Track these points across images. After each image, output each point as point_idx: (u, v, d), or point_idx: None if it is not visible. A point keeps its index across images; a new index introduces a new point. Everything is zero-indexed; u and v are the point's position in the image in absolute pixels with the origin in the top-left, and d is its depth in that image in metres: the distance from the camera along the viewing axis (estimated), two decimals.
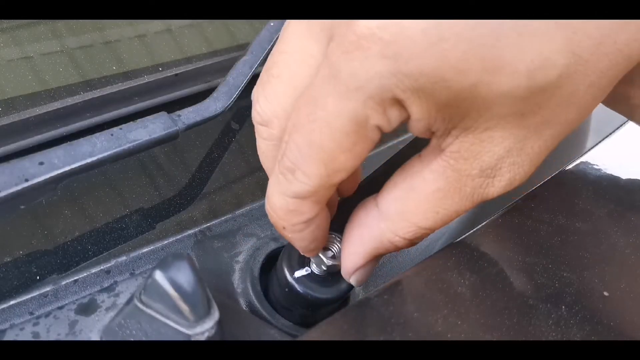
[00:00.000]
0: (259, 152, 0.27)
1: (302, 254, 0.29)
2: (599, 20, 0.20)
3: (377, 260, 0.28)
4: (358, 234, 0.27)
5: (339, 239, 0.30)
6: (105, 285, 0.30)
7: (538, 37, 0.20)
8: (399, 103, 0.22)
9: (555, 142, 0.24)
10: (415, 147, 0.31)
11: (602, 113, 0.32)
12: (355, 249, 0.27)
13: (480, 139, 0.23)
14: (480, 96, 0.21)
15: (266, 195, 0.26)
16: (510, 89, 0.21)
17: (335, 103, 0.21)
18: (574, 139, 0.48)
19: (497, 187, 0.24)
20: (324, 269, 0.29)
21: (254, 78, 0.27)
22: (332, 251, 0.30)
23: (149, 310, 0.24)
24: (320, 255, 0.29)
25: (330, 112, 0.22)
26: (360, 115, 0.22)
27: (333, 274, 0.30)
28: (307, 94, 0.23)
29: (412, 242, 0.26)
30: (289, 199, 0.24)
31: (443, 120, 0.23)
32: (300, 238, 0.27)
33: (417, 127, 0.23)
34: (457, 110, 0.22)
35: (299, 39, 0.23)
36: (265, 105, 0.25)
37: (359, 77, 0.21)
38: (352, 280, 0.28)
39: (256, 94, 0.25)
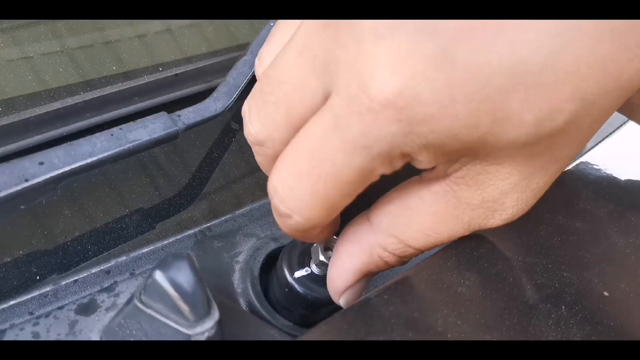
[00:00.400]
0: (259, 164, 0.27)
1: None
2: (606, 63, 0.20)
3: (366, 280, 0.28)
4: (348, 249, 0.27)
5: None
6: (105, 285, 0.30)
7: (547, 89, 0.20)
8: (405, 155, 0.22)
9: (558, 175, 0.24)
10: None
11: None
12: (345, 265, 0.27)
13: (487, 170, 0.23)
14: (489, 144, 0.22)
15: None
16: (518, 137, 0.21)
17: (343, 158, 0.22)
18: None
19: (497, 219, 0.25)
20: (325, 269, 0.29)
21: (254, 78, 0.27)
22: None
23: (149, 310, 0.24)
24: (321, 255, 0.29)
25: (337, 166, 0.22)
26: (367, 168, 0.22)
27: None
28: (307, 144, 0.23)
29: (401, 260, 0.26)
30: (294, 233, 0.25)
31: (449, 159, 0.23)
32: (317, 240, 0.28)
33: (422, 167, 0.23)
34: (466, 152, 0.22)
35: (298, 73, 0.23)
36: (260, 128, 0.25)
37: (369, 138, 0.21)
38: (342, 301, 0.28)
39: (249, 114, 0.25)
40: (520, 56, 0.20)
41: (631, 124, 0.40)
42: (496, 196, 0.24)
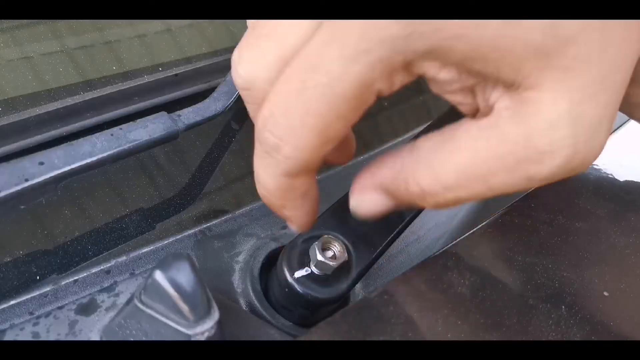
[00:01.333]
0: (251, 117, 0.25)
1: (297, 230, 0.27)
2: None
3: (385, 202, 0.25)
4: (384, 160, 0.24)
5: (339, 239, 0.30)
6: (105, 285, 0.30)
7: (524, 18, 0.19)
8: (407, 66, 0.20)
9: (614, 112, 0.21)
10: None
11: None
12: (375, 168, 0.25)
13: (528, 99, 0.21)
14: (506, 49, 0.20)
15: (255, 175, 0.24)
16: (533, 39, 0.19)
17: (341, 67, 0.20)
18: None
19: (549, 165, 0.21)
20: (325, 269, 0.29)
21: None
22: (333, 251, 0.30)
23: (149, 310, 0.24)
24: (319, 255, 0.29)
25: (334, 76, 0.20)
26: (366, 79, 0.20)
27: (333, 274, 0.30)
28: (301, 59, 0.21)
29: (423, 197, 0.23)
30: (280, 178, 0.23)
31: (476, 78, 0.21)
32: (298, 214, 0.25)
33: (439, 88, 0.21)
34: (485, 66, 0.20)
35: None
36: (249, 66, 0.23)
37: (370, 39, 0.20)
38: (352, 202, 0.25)
39: (239, 53, 0.23)
40: None
41: (631, 124, 0.40)
42: (544, 131, 0.20)
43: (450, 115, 0.27)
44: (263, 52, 0.22)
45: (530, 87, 0.20)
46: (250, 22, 0.24)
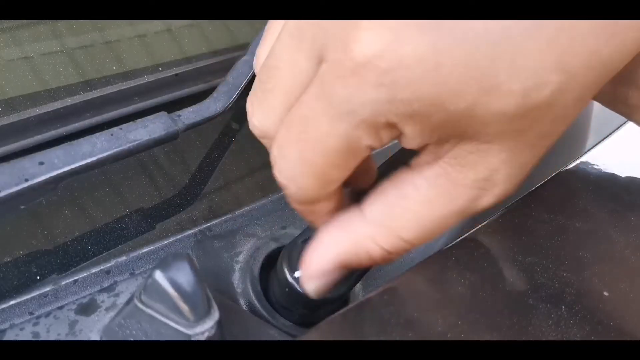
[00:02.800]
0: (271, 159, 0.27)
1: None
2: (585, 36, 0.21)
3: (340, 274, 0.27)
4: (333, 236, 0.26)
5: None
6: (105, 285, 0.30)
7: (531, 58, 0.21)
8: (391, 125, 0.22)
9: (545, 152, 0.24)
10: (403, 157, 0.31)
11: (602, 113, 0.32)
12: (326, 251, 0.26)
13: (478, 149, 0.23)
14: (478, 116, 0.21)
15: None
16: (506, 108, 0.21)
17: (328, 124, 0.22)
18: (574, 139, 0.48)
19: (488, 198, 0.24)
20: None
21: (254, 78, 0.27)
22: None
23: (149, 310, 0.24)
24: None
25: (323, 132, 0.22)
26: (352, 136, 0.22)
27: None
28: (297, 112, 0.23)
29: (388, 256, 0.25)
30: (299, 206, 0.25)
31: (438, 136, 0.23)
32: (328, 219, 0.27)
33: (408, 144, 0.23)
34: (454, 128, 0.22)
35: (289, 55, 0.23)
36: (262, 118, 0.25)
37: (353, 102, 0.21)
38: (310, 287, 0.27)
39: (251, 107, 0.25)
40: (504, 24, 0.20)
41: (631, 124, 0.40)
42: (487, 174, 0.23)
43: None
44: (272, 106, 0.24)
45: (482, 142, 0.23)
46: (257, 73, 0.26)
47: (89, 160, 0.30)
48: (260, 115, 0.25)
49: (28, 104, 0.35)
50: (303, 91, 0.23)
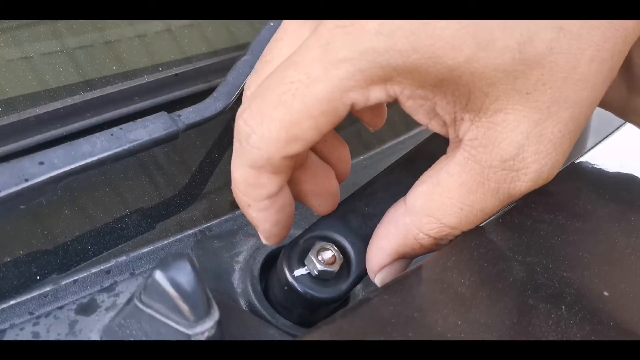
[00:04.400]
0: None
1: (264, 241, 0.28)
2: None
3: (404, 262, 0.27)
4: (385, 230, 0.27)
5: (334, 248, 0.30)
6: (105, 285, 0.30)
7: (524, 18, 0.21)
8: (383, 82, 0.22)
9: (577, 126, 0.23)
10: (420, 152, 0.31)
11: (602, 113, 0.32)
12: (381, 245, 0.27)
13: (494, 123, 0.23)
14: (477, 72, 0.21)
15: (231, 173, 0.26)
16: (503, 63, 0.21)
17: (321, 69, 0.21)
18: None
19: (523, 181, 0.24)
20: (316, 273, 0.29)
21: None
22: (324, 257, 0.29)
23: (149, 310, 0.24)
24: (318, 265, 0.29)
25: (312, 76, 0.22)
26: (343, 85, 0.22)
27: (329, 277, 0.30)
28: (287, 60, 0.22)
29: (437, 242, 0.26)
30: (247, 169, 0.24)
31: (447, 103, 0.23)
32: (263, 218, 0.26)
33: (420, 111, 0.23)
34: (457, 89, 0.22)
35: (293, 29, 0.24)
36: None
37: (352, 49, 0.21)
38: (377, 280, 0.28)
39: (249, 80, 0.26)
40: None
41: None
42: (513, 151, 0.23)
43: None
44: (266, 74, 0.24)
45: (495, 111, 0.22)
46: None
47: (89, 160, 0.30)
48: (254, 85, 0.25)
49: (28, 104, 0.35)
50: None
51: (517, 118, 0.22)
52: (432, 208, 0.25)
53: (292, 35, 0.24)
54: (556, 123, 0.23)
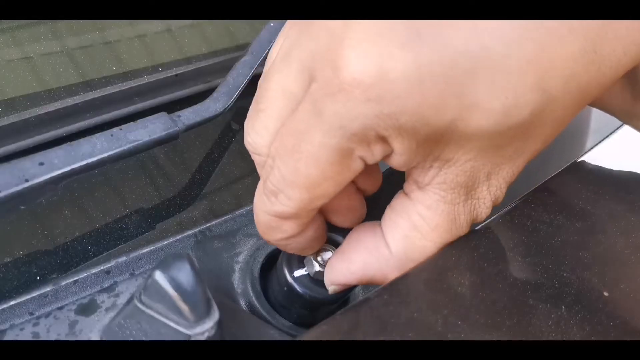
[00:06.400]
0: (260, 175, 0.28)
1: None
2: (565, 60, 0.22)
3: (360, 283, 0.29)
4: (364, 258, 0.28)
5: (334, 249, 0.30)
6: (105, 285, 0.30)
7: (511, 76, 0.21)
8: (382, 139, 0.23)
9: (524, 166, 0.26)
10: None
11: (602, 113, 0.32)
12: (354, 268, 0.28)
13: (463, 170, 0.24)
14: (459, 131, 0.22)
15: (254, 210, 0.27)
16: (487, 126, 0.22)
17: (321, 138, 0.23)
18: (574, 139, 0.48)
19: (483, 209, 0.26)
20: (316, 273, 0.29)
21: (254, 78, 0.27)
22: (324, 258, 0.29)
23: (149, 310, 0.24)
24: (317, 266, 0.29)
25: (316, 145, 0.23)
26: (344, 149, 0.23)
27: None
28: (291, 126, 0.24)
29: None
30: (270, 217, 0.26)
31: (424, 154, 0.24)
32: (286, 249, 0.28)
33: (397, 162, 0.24)
34: (437, 144, 0.23)
35: (280, 79, 0.25)
36: (255, 137, 0.26)
37: (342, 117, 0.22)
38: (331, 290, 0.29)
39: (247, 126, 0.27)
40: (484, 42, 0.21)
41: None
42: (476, 187, 0.25)
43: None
44: (265, 126, 0.26)
45: (465, 160, 0.24)
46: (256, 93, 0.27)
47: (89, 160, 0.30)
48: (253, 134, 0.26)
49: (28, 104, 0.35)
50: (292, 111, 0.24)
51: (483, 163, 0.24)
52: (414, 253, 0.26)
53: (279, 86, 0.25)
54: (512, 166, 0.25)
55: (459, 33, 0.21)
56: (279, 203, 0.25)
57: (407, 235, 0.26)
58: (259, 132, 0.26)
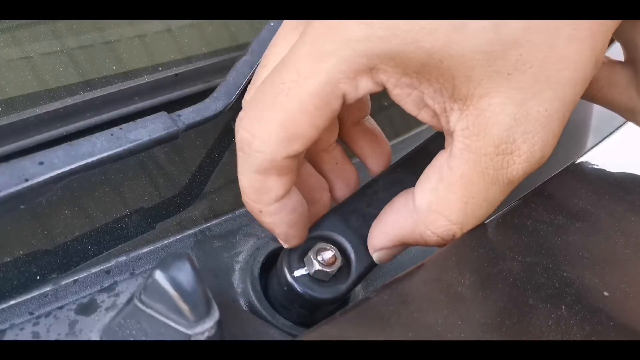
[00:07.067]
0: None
1: (284, 245, 0.29)
2: None
3: (404, 247, 0.28)
4: (394, 218, 0.27)
5: (334, 249, 0.30)
6: (105, 285, 0.30)
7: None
8: (369, 71, 0.22)
9: (563, 106, 0.23)
10: (425, 149, 0.31)
11: (602, 113, 0.32)
12: (387, 229, 0.27)
13: (481, 109, 0.23)
14: (456, 55, 0.22)
15: (239, 182, 0.26)
16: (480, 43, 0.22)
17: (309, 64, 0.22)
18: (574, 139, 0.48)
19: (518, 163, 0.24)
20: (316, 273, 0.29)
21: None
22: (324, 258, 0.29)
23: (149, 310, 0.24)
24: (313, 258, 0.29)
25: (301, 74, 0.22)
26: (331, 78, 0.22)
27: (333, 275, 0.30)
28: (279, 63, 0.23)
29: (443, 240, 0.26)
30: (253, 175, 0.25)
31: (435, 91, 0.23)
32: (278, 222, 0.27)
33: (409, 101, 0.24)
34: (441, 75, 0.22)
35: (285, 33, 0.25)
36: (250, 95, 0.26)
37: (334, 40, 0.22)
38: (375, 257, 0.29)
39: (249, 87, 0.27)
40: None
41: (631, 123, 0.40)
42: (504, 135, 0.23)
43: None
44: (262, 79, 0.25)
45: (480, 97, 0.23)
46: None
47: (89, 160, 0.30)
48: (253, 92, 0.26)
49: (28, 104, 0.35)
50: None
51: (502, 101, 0.23)
52: (439, 204, 0.25)
53: (284, 39, 0.25)
54: (541, 102, 0.23)
55: None
56: (253, 152, 0.24)
57: (433, 188, 0.25)
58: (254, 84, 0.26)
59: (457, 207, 0.25)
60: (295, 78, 0.23)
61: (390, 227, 0.27)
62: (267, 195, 0.26)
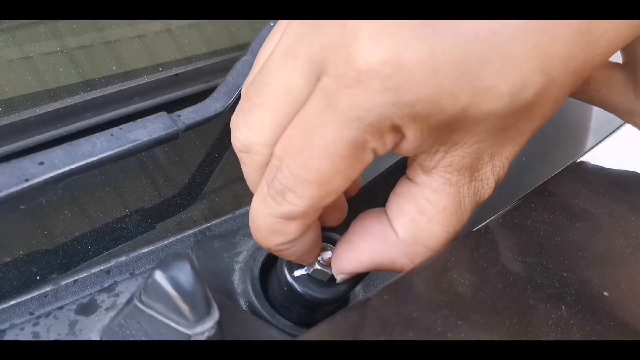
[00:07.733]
0: (245, 177, 0.27)
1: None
2: (566, 41, 0.23)
3: (368, 270, 0.29)
4: (372, 246, 0.27)
5: (334, 249, 0.30)
6: (105, 285, 0.30)
7: (518, 60, 0.22)
8: (395, 128, 0.23)
9: (525, 144, 0.26)
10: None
11: (602, 113, 0.32)
12: (362, 257, 0.28)
13: (469, 152, 0.25)
14: (470, 116, 0.23)
15: (250, 217, 0.26)
16: (495, 108, 0.23)
17: (335, 131, 0.23)
18: (574, 139, 0.48)
19: (487, 189, 0.26)
20: (316, 273, 0.29)
21: None
22: (324, 258, 0.29)
23: (149, 310, 0.24)
24: (317, 264, 0.29)
25: (329, 139, 0.23)
26: (358, 141, 0.23)
27: (328, 277, 0.30)
28: (301, 122, 0.23)
29: (413, 265, 0.27)
30: (275, 219, 0.25)
31: (433, 140, 0.24)
32: (289, 255, 0.27)
33: (407, 149, 0.24)
34: (448, 129, 0.24)
35: (283, 72, 0.24)
36: (247, 132, 0.25)
37: (360, 109, 0.22)
38: (339, 279, 0.29)
39: (237, 121, 0.26)
40: (493, 28, 0.22)
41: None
42: (480, 169, 0.26)
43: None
44: (260, 121, 0.25)
45: (473, 143, 0.24)
46: (244, 90, 0.26)
47: (89, 160, 0.30)
48: (245, 129, 0.25)
49: (28, 104, 0.35)
50: (295, 107, 0.24)
51: (489, 145, 0.25)
52: (423, 237, 0.26)
53: (282, 80, 0.24)
54: (513, 146, 0.26)
55: (468, 24, 0.22)
56: (286, 203, 0.24)
57: (414, 220, 0.26)
58: (252, 128, 0.25)
59: (442, 238, 0.26)
60: (324, 143, 0.23)
61: (367, 256, 0.27)
62: (280, 238, 0.26)
